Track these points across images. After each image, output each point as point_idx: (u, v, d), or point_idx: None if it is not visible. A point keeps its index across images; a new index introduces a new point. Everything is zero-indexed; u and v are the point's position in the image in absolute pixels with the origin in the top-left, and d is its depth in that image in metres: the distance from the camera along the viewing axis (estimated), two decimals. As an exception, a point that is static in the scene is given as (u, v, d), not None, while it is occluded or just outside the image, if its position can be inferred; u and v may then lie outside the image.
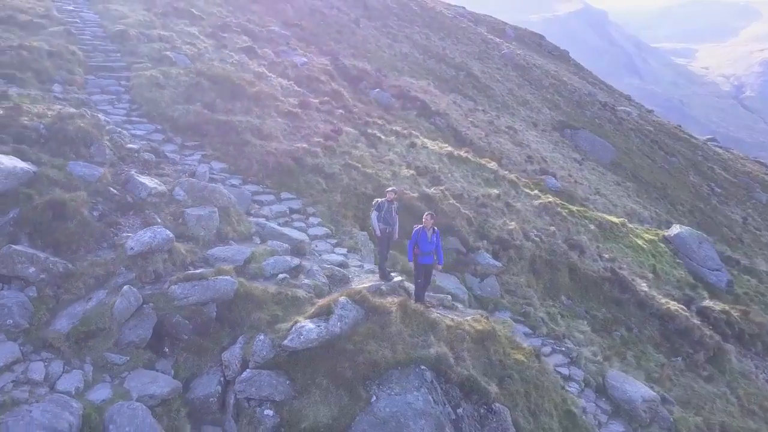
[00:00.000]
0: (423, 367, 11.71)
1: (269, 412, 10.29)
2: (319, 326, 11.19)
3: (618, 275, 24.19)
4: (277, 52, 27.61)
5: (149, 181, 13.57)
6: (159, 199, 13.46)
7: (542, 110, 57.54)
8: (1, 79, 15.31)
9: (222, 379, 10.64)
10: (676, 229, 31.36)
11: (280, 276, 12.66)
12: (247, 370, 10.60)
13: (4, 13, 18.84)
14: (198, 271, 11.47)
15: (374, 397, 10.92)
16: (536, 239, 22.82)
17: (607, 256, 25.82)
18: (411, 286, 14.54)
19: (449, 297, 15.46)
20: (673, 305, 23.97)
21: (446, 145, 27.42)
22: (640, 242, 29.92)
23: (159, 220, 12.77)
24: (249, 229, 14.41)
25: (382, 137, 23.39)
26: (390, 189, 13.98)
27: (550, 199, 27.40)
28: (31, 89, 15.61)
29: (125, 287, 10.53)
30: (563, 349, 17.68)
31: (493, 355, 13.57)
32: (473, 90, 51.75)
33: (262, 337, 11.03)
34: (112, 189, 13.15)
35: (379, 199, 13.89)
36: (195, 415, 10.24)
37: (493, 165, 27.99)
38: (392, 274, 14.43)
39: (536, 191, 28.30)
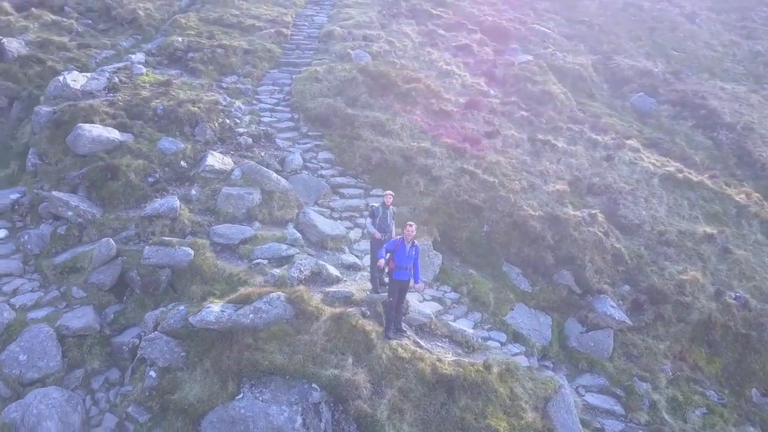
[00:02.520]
0: (315, 385, 10.80)
1: (152, 373, 11.21)
2: (223, 312, 11.43)
3: None
4: (499, 51, 26.25)
5: (213, 160, 15.60)
6: (215, 175, 15.38)
7: None
8: (181, 69, 19.58)
9: (143, 334, 11.99)
10: None
11: (255, 261, 13.13)
12: (155, 332, 11.69)
13: (235, 19, 23.57)
14: (168, 238, 12.96)
15: (241, 395, 10.71)
16: (731, 302, 16.60)
17: None
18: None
19: (470, 332, 13.14)
20: None
21: (675, 164, 21.82)
22: None
23: (194, 192, 14.71)
24: (286, 215, 15.10)
25: (559, 145, 20.30)
26: (386, 193, 12.78)
27: (823, 256, 19.13)
28: (203, 79, 19.45)
29: (103, 239, 12.83)
30: (654, 449, 13.06)
31: (457, 409, 11.34)
32: None
33: (182, 308, 11.92)
34: (182, 162, 15.69)
35: (375, 204, 12.85)
36: (113, 356, 11.94)
37: (744, 197, 21.04)
38: (390, 287, 13.13)
39: (813, 242, 20.07)
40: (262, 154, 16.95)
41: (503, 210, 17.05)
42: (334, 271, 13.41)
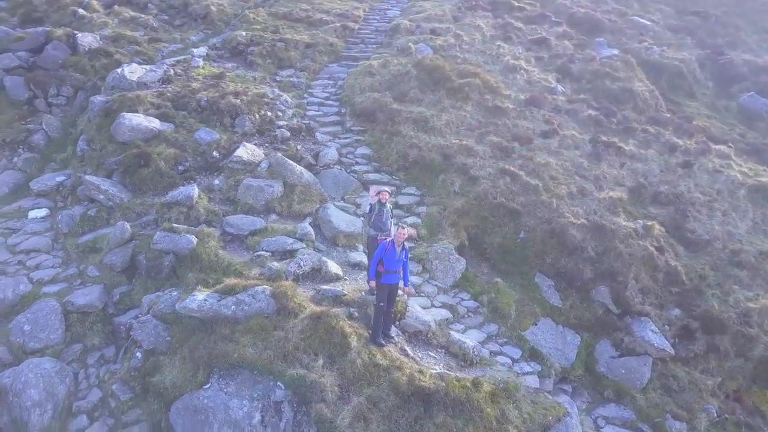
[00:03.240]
0: (279, 383, 10.64)
1: (138, 354, 11.62)
2: (206, 301, 11.58)
3: None
4: (582, 45, 24.18)
5: (243, 151, 15.84)
6: (242, 166, 15.62)
7: None
8: (239, 63, 20.10)
9: (139, 315, 12.43)
10: None
11: (258, 252, 13.16)
12: (147, 315, 12.09)
13: (303, 14, 23.74)
14: (177, 225, 13.33)
15: (209, 385, 10.81)
16: (812, 339, 14.07)
17: None
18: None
19: (469, 344, 12.18)
20: None
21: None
22: None
23: (217, 182, 15.06)
24: (305, 209, 14.98)
25: (626, 148, 18.34)
26: (381, 189, 12.21)
27: None
28: (259, 72, 19.86)
29: (119, 222, 13.50)
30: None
31: (432, 425, 10.69)
32: None
33: (174, 293, 12.23)
34: (215, 152, 16.14)
35: (371, 201, 12.33)
36: (114, 334, 12.53)
37: None
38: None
39: None
40: (298, 147, 16.94)
41: (542, 216, 15.71)
42: (335, 269, 13.07)
